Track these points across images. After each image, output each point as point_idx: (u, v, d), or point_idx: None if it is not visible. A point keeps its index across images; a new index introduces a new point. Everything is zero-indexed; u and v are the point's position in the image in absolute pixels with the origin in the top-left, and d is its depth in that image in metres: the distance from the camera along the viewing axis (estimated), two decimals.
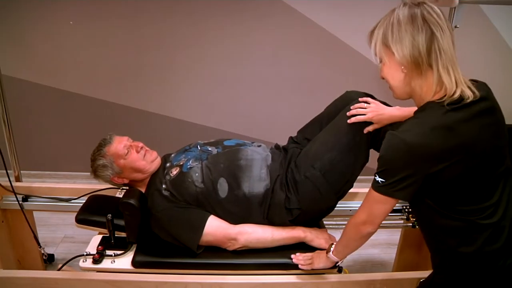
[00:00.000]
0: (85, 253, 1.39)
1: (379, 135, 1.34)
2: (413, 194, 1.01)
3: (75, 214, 1.52)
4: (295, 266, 1.34)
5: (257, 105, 2.73)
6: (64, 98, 2.64)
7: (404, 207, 1.77)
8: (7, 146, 1.80)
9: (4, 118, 1.76)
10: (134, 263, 1.36)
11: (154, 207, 1.37)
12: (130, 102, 2.69)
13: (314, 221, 1.46)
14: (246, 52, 2.59)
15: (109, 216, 1.38)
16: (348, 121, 1.33)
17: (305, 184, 1.34)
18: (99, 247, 1.40)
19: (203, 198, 1.36)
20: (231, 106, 2.73)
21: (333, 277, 1.36)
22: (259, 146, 1.50)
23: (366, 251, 2.29)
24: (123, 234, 1.44)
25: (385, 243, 2.35)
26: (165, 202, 1.36)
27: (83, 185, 1.79)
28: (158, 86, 2.66)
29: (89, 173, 1.58)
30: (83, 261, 1.37)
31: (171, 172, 1.41)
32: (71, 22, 2.47)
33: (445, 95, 0.98)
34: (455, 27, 1.94)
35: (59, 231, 2.31)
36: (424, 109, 1.01)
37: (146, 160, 1.46)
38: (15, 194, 1.66)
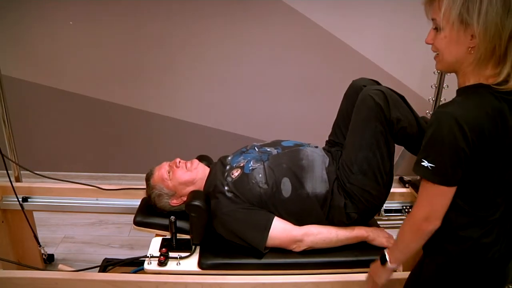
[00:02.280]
0: (149, 255, 1.37)
1: (395, 126, 1.34)
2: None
3: (75, 214, 1.52)
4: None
5: (257, 105, 2.73)
6: (64, 98, 2.64)
7: (404, 207, 1.78)
8: (7, 146, 1.80)
9: (4, 118, 1.76)
10: (201, 265, 1.36)
11: (219, 208, 1.37)
12: (130, 102, 2.69)
13: (368, 219, 1.48)
14: (246, 52, 2.59)
15: (173, 218, 1.38)
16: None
17: (353, 190, 1.36)
18: (163, 249, 1.39)
19: (267, 198, 1.36)
20: (231, 106, 2.73)
21: (333, 277, 1.36)
22: (316, 147, 1.52)
23: None
24: (183, 236, 1.44)
25: None
26: (229, 203, 1.36)
27: (84, 185, 1.79)
28: (158, 86, 2.66)
29: (89, 173, 1.59)
30: (148, 264, 1.36)
31: (232, 174, 1.42)
32: (71, 22, 2.47)
33: (500, 81, 0.92)
34: None
35: (59, 231, 2.31)
36: (476, 91, 0.95)
37: (190, 170, 1.49)
38: (16, 194, 1.66)
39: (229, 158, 1.53)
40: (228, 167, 1.47)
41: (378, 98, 1.31)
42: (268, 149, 1.49)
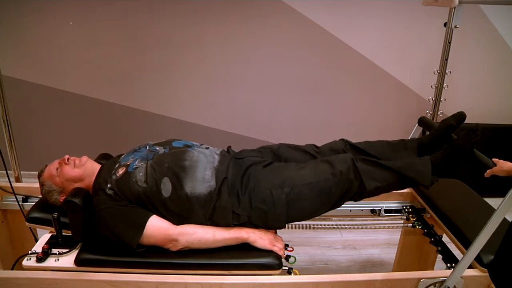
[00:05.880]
0: (29, 252, 1.38)
1: (373, 192, 1.40)
2: None
3: None
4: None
5: (257, 105, 2.73)
6: (64, 99, 2.65)
7: (404, 207, 1.78)
8: (7, 147, 1.80)
9: (4, 118, 1.76)
10: (77, 261, 1.36)
11: (97, 205, 1.37)
12: (130, 102, 2.69)
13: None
14: (246, 52, 2.59)
15: (55, 214, 1.38)
16: None
17: (267, 197, 1.36)
18: (45, 245, 1.40)
19: (146, 197, 1.36)
20: (231, 106, 2.73)
21: (333, 277, 1.36)
22: (207, 148, 1.52)
23: (366, 251, 2.29)
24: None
25: (385, 243, 2.36)
26: (108, 201, 1.37)
27: None
28: (158, 86, 2.66)
29: None
30: (27, 260, 1.37)
31: (117, 172, 1.42)
32: (71, 22, 2.47)
33: None
34: (455, 27, 1.95)
35: None
36: None
37: (78, 167, 1.49)
38: (15, 194, 1.66)
39: (122, 156, 1.53)
40: (116, 165, 1.46)
41: (353, 175, 1.38)
42: (157, 148, 1.49)
